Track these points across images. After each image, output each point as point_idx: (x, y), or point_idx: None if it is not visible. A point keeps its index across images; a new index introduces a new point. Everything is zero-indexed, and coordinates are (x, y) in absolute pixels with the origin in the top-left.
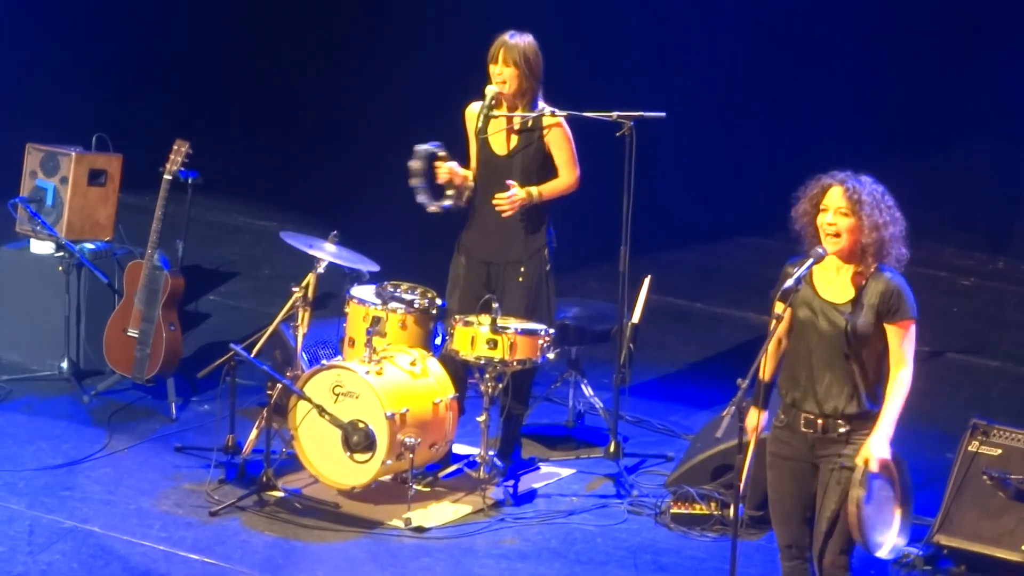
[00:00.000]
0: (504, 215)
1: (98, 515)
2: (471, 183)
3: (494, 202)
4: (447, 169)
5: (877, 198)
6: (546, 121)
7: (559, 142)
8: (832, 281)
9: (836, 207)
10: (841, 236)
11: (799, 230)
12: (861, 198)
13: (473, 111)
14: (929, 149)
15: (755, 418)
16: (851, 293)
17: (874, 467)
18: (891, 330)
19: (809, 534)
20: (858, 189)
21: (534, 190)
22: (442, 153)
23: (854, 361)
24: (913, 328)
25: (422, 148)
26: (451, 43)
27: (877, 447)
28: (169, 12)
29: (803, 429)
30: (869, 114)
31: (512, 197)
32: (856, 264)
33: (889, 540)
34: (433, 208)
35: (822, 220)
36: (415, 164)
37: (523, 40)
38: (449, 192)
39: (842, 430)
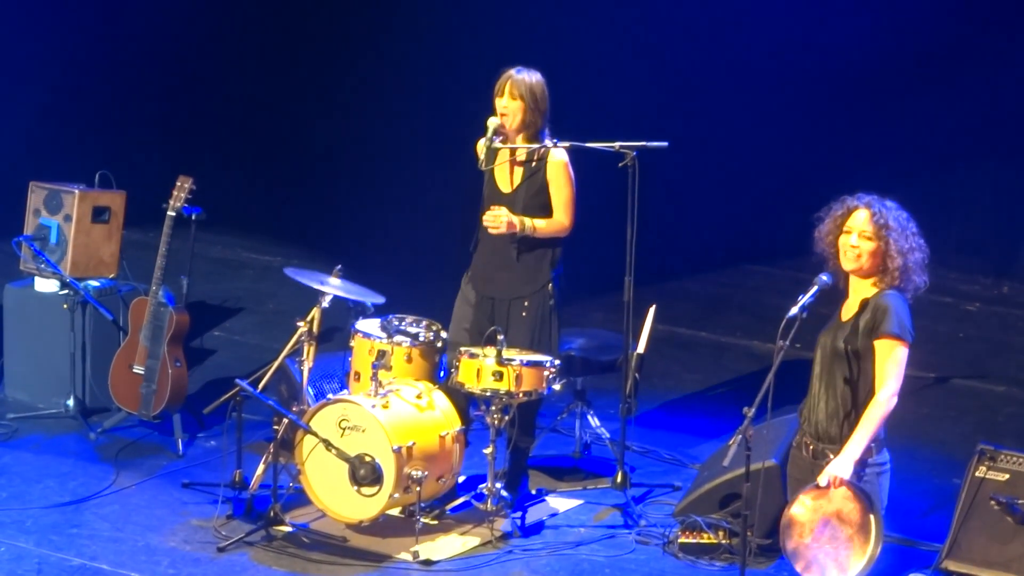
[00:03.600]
0: (490, 231)
1: (106, 552)
2: None
3: (484, 217)
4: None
5: (903, 224)
6: (551, 158)
7: (559, 183)
8: (850, 301)
9: (860, 230)
10: (862, 257)
11: (822, 251)
12: (887, 223)
13: (483, 146)
14: (933, 174)
15: None
16: (852, 312)
17: (823, 482)
18: (876, 346)
19: None
20: (884, 214)
21: (528, 221)
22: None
23: (852, 384)
24: (900, 349)
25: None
26: (456, 78)
27: (837, 466)
28: (172, 49)
29: (803, 453)
30: (874, 139)
31: (499, 214)
32: (870, 287)
33: None
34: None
35: (844, 241)
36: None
37: (530, 76)
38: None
39: (832, 456)
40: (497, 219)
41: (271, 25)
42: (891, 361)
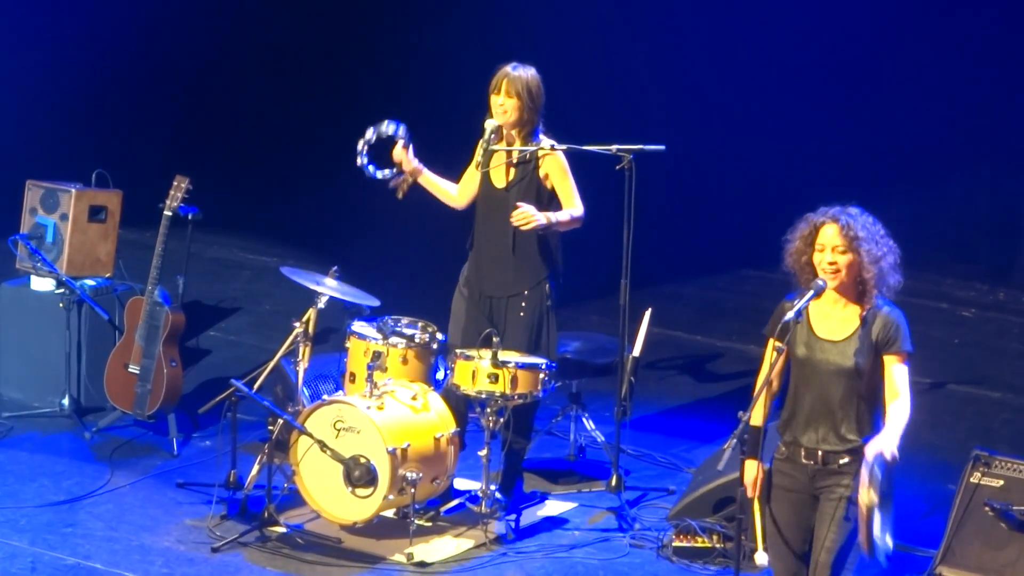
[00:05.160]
0: (522, 229)
1: (100, 552)
2: (418, 177)
3: (512, 220)
4: (400, 151)
5: (872, 231)
6: (541, 154)
7: (558, 175)
8: (829, 317)
9: (833, 245)
10: (841, 272)
11: (794, 271)
12: (857, 234)
13: (480, 148)
14: (929, 180)
15: (754, 469)
16: (850, 328)
17: (888, 456)
18: (888, 360)
19: (805, 567)
20: (853, 225)
21: (552, 216)
22: (402, 139)
23: (854, 394)
24: (908, 361)
25: (386, 127)
26: (452, 78)
27: (888, 443)
28: (169, 49)
29: (804, 461)
30: (869, 145)
31: (527, 212)
32: (854, 297)
33: (881, 541)
34: (368, 173)
35: (820, 259)
36: (370, 135)
37: (526, 72)
38: (393, 170)
39: (843, 461)
40: (526, 216)
41: (268, 25)
42: (905, 375)
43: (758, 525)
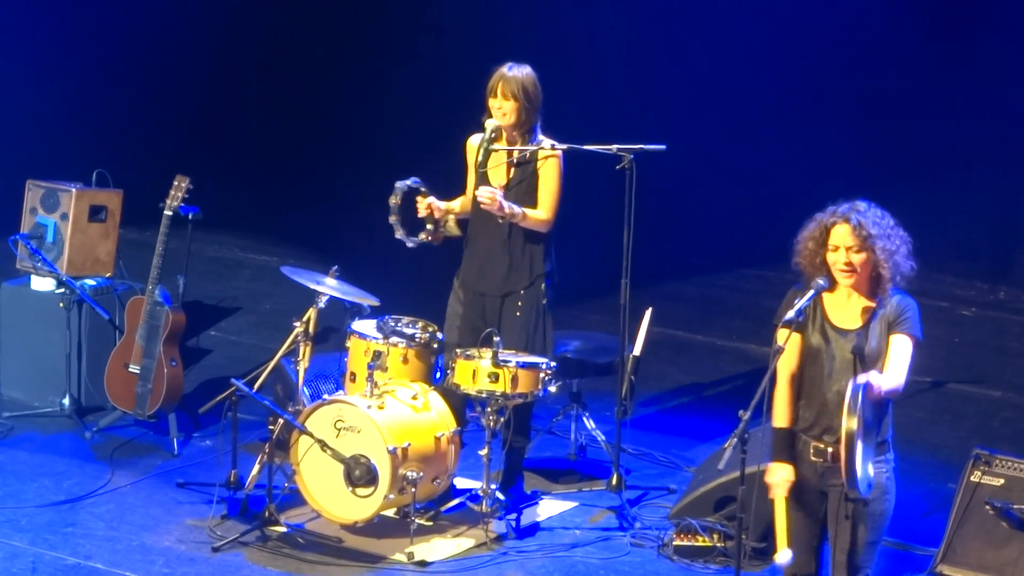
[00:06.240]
0: (482, 206)
1: (101, 551)
2: (452, 216)
3: (477, 192)
4: (426, 204)
5: (883, 225)
6: (542, 154)
7: (547, 176)
8: (844, 307)
9: (847, 246)
10: (857, 271)
11: (807, 272)
12: (870, 232)
13: (474, 143)
14: (930, 178)
15: (788, 473)
16: (864, 317)
17: (873, 384)
18: (894, 339)
19: (814, 562)
20: (864, 223)
21: (518, 209)
22: (422, 189)
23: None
24: (914, 349)
25: (401, 184)
26: (450, 76)
27: (872, 376)
28: (170, 49)
29: (812, 458)
30: (869, 143)
31: (493, 194)
32: (868, 289)
33: (862, 472)
34: (410, 244)
35: (834, 259)
36: (394, 200)
37: (521, 72)
38: (428, 227)
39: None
40: (491, 197)
41: (268, 25)
42: (906, 356)
43: (782, 525)
